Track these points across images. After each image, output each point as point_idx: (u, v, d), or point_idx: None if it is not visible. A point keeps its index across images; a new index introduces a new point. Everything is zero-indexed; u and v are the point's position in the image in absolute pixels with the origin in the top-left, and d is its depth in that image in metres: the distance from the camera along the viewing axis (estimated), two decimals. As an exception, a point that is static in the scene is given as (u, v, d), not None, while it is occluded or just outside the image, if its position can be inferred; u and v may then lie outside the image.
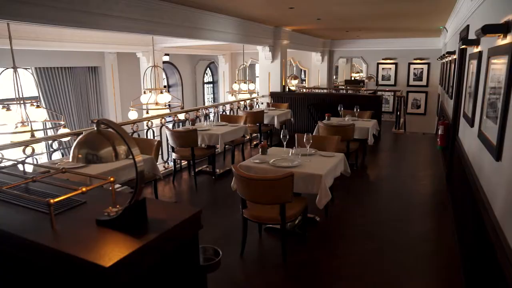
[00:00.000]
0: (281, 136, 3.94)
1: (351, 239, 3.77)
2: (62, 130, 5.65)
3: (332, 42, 12.82)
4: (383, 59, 12.42)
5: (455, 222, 3.99)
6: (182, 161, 5.94)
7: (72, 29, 6.42)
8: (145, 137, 5.67)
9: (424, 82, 12.05)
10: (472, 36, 3.40)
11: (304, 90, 12.10)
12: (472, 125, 3.21)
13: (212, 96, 17.69)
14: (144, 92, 8.16)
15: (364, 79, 12.68)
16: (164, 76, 15.31)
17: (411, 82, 12.21)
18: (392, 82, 12.45)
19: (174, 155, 5.43)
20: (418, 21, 7.87)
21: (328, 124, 5.57)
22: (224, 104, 7.85)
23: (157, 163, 5.71)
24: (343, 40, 12.67)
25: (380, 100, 8.21)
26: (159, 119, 6.37)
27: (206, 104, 16.39)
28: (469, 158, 3.42)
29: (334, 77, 15.11)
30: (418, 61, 11.96)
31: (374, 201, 4.79)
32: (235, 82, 11.93)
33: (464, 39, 3.19)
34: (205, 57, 15.52)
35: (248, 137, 7.30)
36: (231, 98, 11.51)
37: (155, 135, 5.89)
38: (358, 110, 6.22)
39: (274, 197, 3.02)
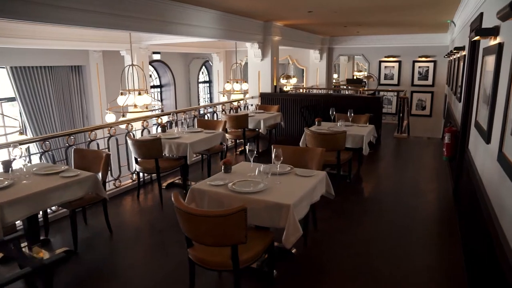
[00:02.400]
0: (247, 150, 3.19)
1: (335, 278, 3.02)
2: (17, 137, 4.99)
3: (331, 39, 12.02)
4: (385, 57, 11.59)
5: (464, 252, 3.23)
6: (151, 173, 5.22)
7: (31, 24, 5.74)
8: (106, 146, 4.96)
9: (429, 82, 11.21)
10: (488, 24, 2.63)
11: (300, 90, 11.33)
12: (488, 141, 2.44)
13: (208, 96, 16.99)
14: (121, 93, 7.44)
15: (362, 78, 11.87)
16: (156, 76, 14.68)
17: (416, 82, 11.37)
18: (395, 81, 11.62)
19: (137, 167, 4.72)
20: (423, 14, 7.06)
21: (315, 131, 4.80)
22: (205, 107, 7.11)
23: (121, 176, 5.05)
24: (343, 36, 11.86)
25: (380, 101, 7.42)
26: (141, 122, 5.70)
27: (202, 104, 15.68)
28: (482, 182, 2.65)
29: (337, 76, 14.35)
30: (423, 59, 11.11)
31: (368, 225, 4.01)
32: (228, 82, 11.23)
33: (477, 29, 2.41)
34: (199, 55, 14.80)
35: (226, 145, 6.57)
36: (223, 99, 10.82)
37: (118, 143, 5.17)
38: (352, 114, 5.44)
39: (222, 238, 2.28)
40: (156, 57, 13.43)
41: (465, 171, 3.72)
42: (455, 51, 5.17)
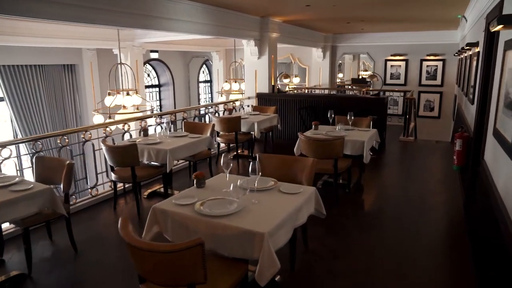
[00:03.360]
0: (222, 162, 2.72)
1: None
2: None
3: (335, 36, 11.49)
4: (391, 56, 11.03)
5: (478, 277, 2.73)
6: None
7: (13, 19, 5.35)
8: (99, 147, 4.52)
9: (438, 81, 10.63)
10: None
11: (300, 90, 10.82)
12: (513, 157, 1.94)
13: (209, 96, 16.54)
14: (109, 94, 7.03)
15: (365, 77, 11.33)
16: (154, 75, 14.28)
17: (424, 81, 10.80)
18: (401, 81, 11.06)
19: (113, 176, 4.28)
20: (432, 9, 6.53)
21: (310, 136, 4.31)
22: (196, 108, 6.65)
23: (99, 184, 4.61)
24: (347, 34, 11.33)
25: (384, 103, 6.90)
26: (122, 125, 5.27)
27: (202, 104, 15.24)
28: (503, 201, 2.16)
29: (342, 75, 13.83)
30: (431, 57, 10.54)
31: (366, 245, 3.52)
32: (226, 81, 10.78)
33: (499, 16, 1.91)
34: (199, 53, 14.38)
35: (217, 150, 6.13)
36: (221, 99, 10.37)
37: (95, 148, 4.73)
38: (353, 117, 4.94)
39: (176, 276, 1.81)
40: (154, 55, 13.02)
41: (479, 185, 3.21)
42: (467, 47, 4.64)
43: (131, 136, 5.30)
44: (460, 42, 9.24)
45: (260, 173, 2.51)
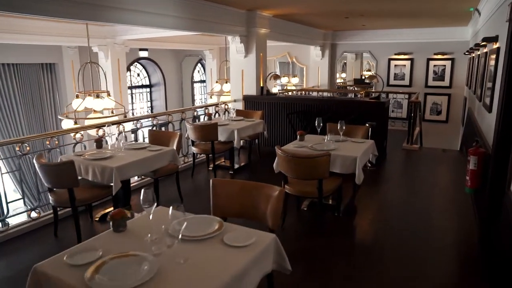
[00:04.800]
0: (141, 200, 1.95)
1: None
2: None
3: (334, 33, 10.67)
4: (395, 54, 10.18)
5: None
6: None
7: None
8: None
9: (446, 83, 9.76)
10: None
11: (296, 92, 10.01)
12: None
13: (205, 97, 15.79)
14: (77, 96, 6.30)
15: (364, 78, 10.50)
16: (145, 74, 13.57)
17: (430, 83, 9.94)
18: (406, 82, 10.21)
19: (51, 198, 3.52)
20: (440, 1, 5.71)
21: (288, 152, 3.52)
22: (171, 113, 5.89)
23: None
24: (347, 31, 10.50)
25: (385, 107, 6.08)
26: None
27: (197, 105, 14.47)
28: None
29: (344, 75, 13.01)
30: (439, 56, 9.67)
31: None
32: (217, 82, 10.02)
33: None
34: (192, 52, 13.63)
35: (193, 160, 5.39)
36: (211, 101, 9.62)
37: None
38: (344, 126, 4.13)
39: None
40: (143, 54, 12.30)
41: (503, 225, 2.41)
42: (482, 43, 3.82)
43: (85, 147, 4.57)
44: (471, 39, 8.38)
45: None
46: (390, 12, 7.08)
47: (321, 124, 4.23)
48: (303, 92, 9.88)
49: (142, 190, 1.96)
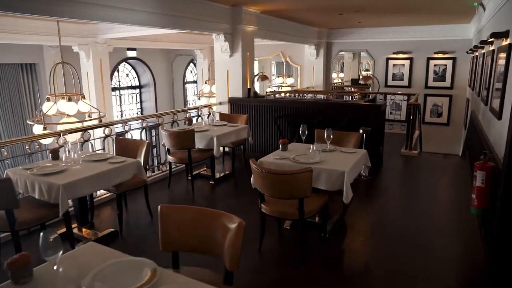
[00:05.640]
0: (40, 246, 1.44)
1: None
2: None
3: (329, 32, 10.16)
4: (394, 53, 9.67)
5: None
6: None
7: None
8: None
9: (447, 83, 9.25)
10: None
11: (285, 94, 9.50)
12: None
13: (192, 98, 15.28)
14: (48, 99, 5.82)
15: (359, 79, 10.00)
16: (134, 75, 13.09)
17: (431, 83, 9.43)
18: (405, 82, 9.70)
19: (-11, 219, 3.03)
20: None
21: (263, 166, 3.02)
22: (144, 118, 5.38)
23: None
24: (343, 29, 9.99)
25: (381, 110, 5.57)
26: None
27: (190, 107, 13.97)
28: None
29: (342, 75, 12.51)
30: (440, 55, 9.16)
31: None
32: (206, 83, 9.54)
33: None
34: (183, 52, 13.13)
35: (169, 170, 4.90)
36: (200, 103, 9.14)
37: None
38: (331, 135, 3.61)
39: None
40: (132, 54, 11.81)
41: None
42: (491, 39, 3.32)
43: (42, 158, 4.07)
44: (474, 37, 7.88)
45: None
46: (386, 8, 6.58)
47: (306, 132, 3.73)
48: (296, 93, 9.36)
49: (41, 234, 1.45)
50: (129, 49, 11.55)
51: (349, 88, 12.15)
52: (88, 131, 4.55)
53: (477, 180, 2.93)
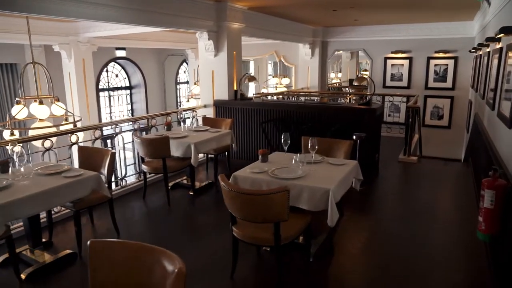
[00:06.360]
0: None
1: None
2: None
3: (325, 30, 9.71)
4: (392, 53, 9.21)
5: None
6: None
7: None
8: None
9: (449, 84, 8.80)
10: None
11: (278, 96, 9.06)
12: None
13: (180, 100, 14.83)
14: (17, 102, 5.39)
15: (354, 81, 9.53)
16: (124, 75, 12.66)
17: (431, 84, 8.97)
18: (404, 83, 9.25)
19: None
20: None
21: (232, 186, 2.58)
22: (116, 124, 4.93)
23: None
24: (339, 27, 9.54)
25: (376, 115, 5.12)
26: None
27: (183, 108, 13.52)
28: None
29: (340, 75, 12.09)
30: (441, 54, 8.71)
31: None
32: (195, 84, 9.11)
33: None
34: (174, 51, 12.70)
35: (144, 180, 4.46)
36: (188, 105, 8.72)
37: None
38: (316, 145, 3.16)
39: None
40: (121, 53, 11.39)
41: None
42: (500, 34, 2.87)
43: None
44: (477, 35, 7.43)
45: None
46: (382, 3, 6.13)
47: (289, 141, 3.28)
48: (286, 96, 8.89)
49: None
50: (117, 48, 11.13)
51: (347, 89, 11.72)
52: (51, 138, 4.11)
53: (485, 201, 2.48)
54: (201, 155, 5.63)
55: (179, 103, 13.90)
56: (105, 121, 11.57)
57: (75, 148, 4.17)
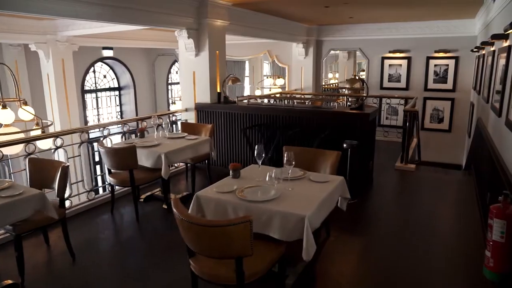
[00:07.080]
0: None
1: None
2: None
3: (319, 28, 9.26)
4: (390, 52, 8.76)
5: None
6: None
7: None
8: None
9: (449, 85, 8.35)
10: None
11: (255, 99, 8.61)
12: None
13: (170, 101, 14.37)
14: (-20, 105, 4.91)
15: (346, 82, 9.12)
16: (113, 76, 12.22)
17: (431, 85, 8.52)
18: (403, 84, 8.80)
19: None
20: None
21: (185, 214, 2.15)
22: (86, 130, 4.48)
23: None
24: (334, 25, 9.09)
25: (369, 120, 4.65)
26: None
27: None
28: None
29: (338, 75, 11.65)
30: (441, 54, 8.26)
31: None
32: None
33: None
34: (165, 51, 12.24)
35: (111, 192, 4.01)
36: (174, 107, 8.30)
37: None
38: (293, 160, 2.70)
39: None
40: (108, 53, 10.94)
41: None
42: (509, 30, 2.42)
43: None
44: (480, 34, 6.99)
45: None
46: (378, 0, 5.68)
47: (263, 155, 2.83)
48: (274, 99, 8.43)
49: None
50: (104, 48, 10.69)
51: (344, 90, 11.28)
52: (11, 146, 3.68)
53: (494, 232, 2.04)
54: (181, 163, 5.20)
55: (170, 105, 13.46)
56: (92, 123, 11.15)
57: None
